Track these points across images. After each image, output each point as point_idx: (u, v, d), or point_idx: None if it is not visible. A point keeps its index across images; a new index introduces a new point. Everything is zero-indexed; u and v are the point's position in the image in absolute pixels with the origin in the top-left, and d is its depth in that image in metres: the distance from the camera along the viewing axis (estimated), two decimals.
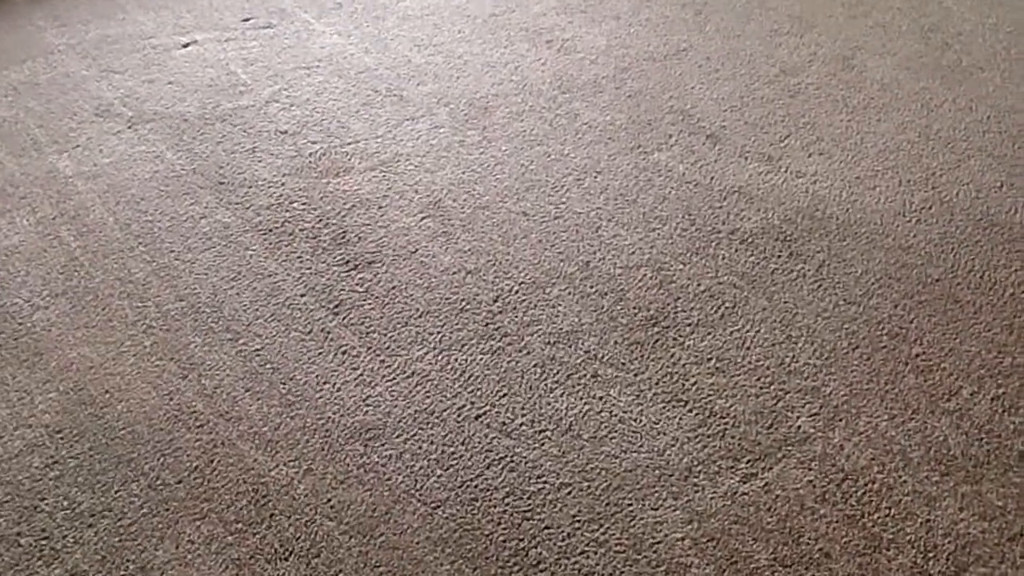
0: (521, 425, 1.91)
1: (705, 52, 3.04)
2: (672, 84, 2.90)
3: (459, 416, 1.93)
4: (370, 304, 2.16)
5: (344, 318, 2.13)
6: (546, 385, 1.99)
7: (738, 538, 1.73)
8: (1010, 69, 3.02)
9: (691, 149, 2.64)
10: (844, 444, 1.89)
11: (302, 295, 2.18)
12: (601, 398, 1.97)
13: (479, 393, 1.97)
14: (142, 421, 1.91)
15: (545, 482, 1.81)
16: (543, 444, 1.88)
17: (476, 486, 1.80)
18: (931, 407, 1.98)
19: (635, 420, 1.92)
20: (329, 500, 1.78)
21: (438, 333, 2.10)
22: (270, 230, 2.34)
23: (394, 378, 2.00)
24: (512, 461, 1.85)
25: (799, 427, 1.93)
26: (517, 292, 2.20)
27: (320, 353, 2.05)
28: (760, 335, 2.12)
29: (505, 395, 1.97)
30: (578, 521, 1.75)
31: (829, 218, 2.44)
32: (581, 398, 1.97)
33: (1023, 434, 1.93)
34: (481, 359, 2.04)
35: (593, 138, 2.67)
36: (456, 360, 2.04)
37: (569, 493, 1.79)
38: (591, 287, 2.22)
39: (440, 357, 2.05)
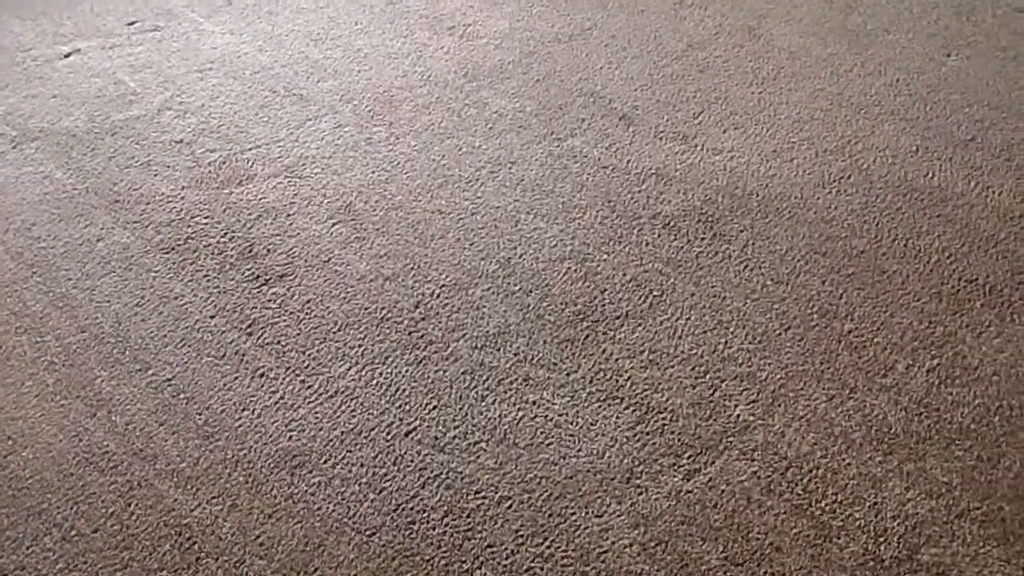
0: (454, 438, 1.83)
1: (610, 30, 2.98)
2: (580, 65, 2.83)
3: (388, 434, 1.84)
4: (285, 320, 2.06)
5: (258, 338, 2.02)
6: (477, 393, 1.91)
7: (687, 539, 1.67)
8: (914, 30, 3.01)
9: (605, 132, 2.58)
10: (785, 431, 1.85)
11: (212, 316, 2.06)
12: (535, 402, 1.90)
13: (407, 407, 1.89)
14: (50, 467, 1.78)
15: (484, 497, 1.74)
16: (478, 456, 1.80)
17: (412, 508, 1.72)
18: (868, 384, 1.95)
19: (571, 423, 1.86)
20: (258, 537, 1.68)
21: (359, 346, 2.00)
22: (172, 248, 2.22)
23: (316, 399, 1.90)
24: (448, 478, 1.77)
25: (738, 416, 1.88)
26: (439, 296, 2.12)
27: (236, 378, 1.94)
28: (691, 322, 2.07)
29: (435, 407, 1.89)
30: (521, 536, 1.68)
31: (749, 195, 2.39)
32: (514, 404, 1.90)
33: (961, 406, 1.91)
34: (407, 371, 1.96)
35: (504, 127, 2.59)
36: (380, 374, 1.95)
37: (510, 507, 1.72)
38: (515, 285, 2.15)
39: (363, 372, 1.95)
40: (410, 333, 2.03)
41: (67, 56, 2.84)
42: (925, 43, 2.96)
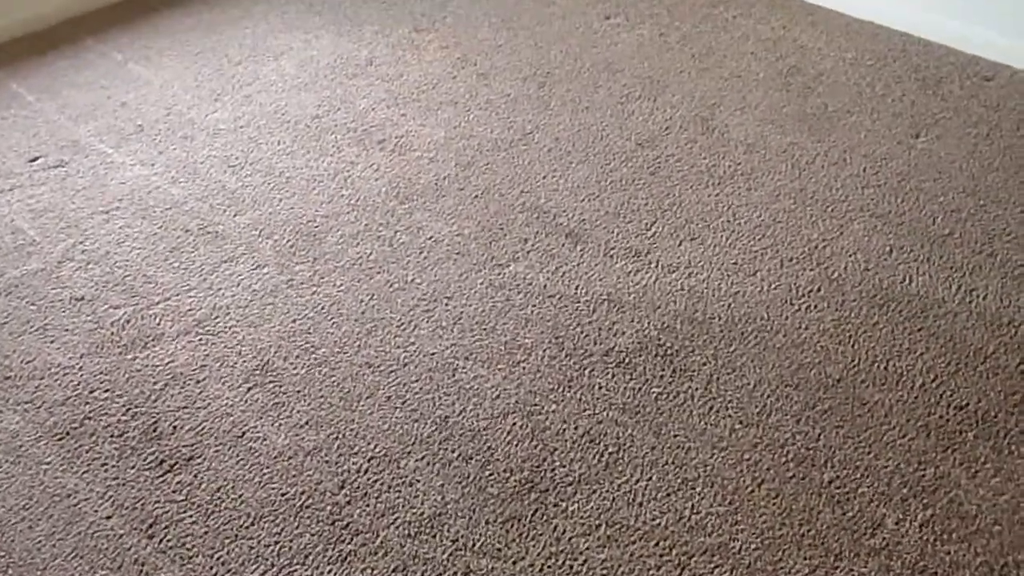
0: None
1: (554, 132, 2.76)
2: (521, 176, 2.61)
3: None
4: (191, 516, 1.81)
5: (160, 541, 1.77)
6: None
7: None
8: (877, 109, 2.81)
9: (550, 253, 2.35)
10: None
11: (109, 516, 1.81)
12: None
13: None
14: None
15: None
16: None
17: None
18: (855, 547, 1.71)
19: None
20: None
21: (275, 544, 1.75)
22: (67, 433, 1.97)
23: None
24: None
25: None
26: (367, 472, 1.87)
27: None
28: (652, 483, 1.83)
29: None
30: None
31: (711, 319, 2.17)
32: None
33: (961, 567, 1.68)
34: (329, 571, 1.71)
35: (440, 255, 2.36)
36: None
37: None
38: (452, 451, 1.91)
39: None
40: (333, 523, 1.79)
41: None
42: (891, 124, 2.75)
